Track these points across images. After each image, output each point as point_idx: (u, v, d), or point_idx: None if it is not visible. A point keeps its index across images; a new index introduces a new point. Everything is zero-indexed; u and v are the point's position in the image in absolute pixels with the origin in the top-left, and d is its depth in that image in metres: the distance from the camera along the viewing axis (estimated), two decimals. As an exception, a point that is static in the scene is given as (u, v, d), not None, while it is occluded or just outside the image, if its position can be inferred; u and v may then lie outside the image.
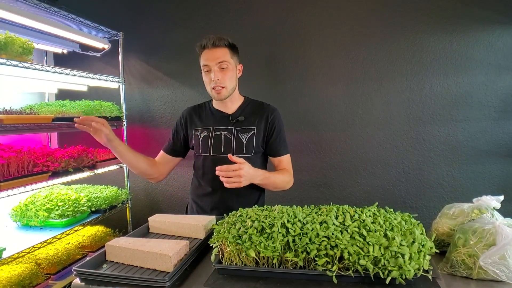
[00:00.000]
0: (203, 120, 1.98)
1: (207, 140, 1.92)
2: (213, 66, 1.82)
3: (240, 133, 1.91)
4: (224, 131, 1.92)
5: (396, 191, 2.81)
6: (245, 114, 1.95)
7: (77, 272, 1.22)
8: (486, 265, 1.22)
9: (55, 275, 2.18)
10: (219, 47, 1.84)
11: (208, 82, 1.86)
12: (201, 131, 1.96)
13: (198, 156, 1.97)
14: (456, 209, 1.55)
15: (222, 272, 1.26)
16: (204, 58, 1.85)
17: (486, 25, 2.59)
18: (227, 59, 1.84)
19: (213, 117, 1.98)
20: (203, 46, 1.85)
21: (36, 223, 2.32)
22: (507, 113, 2.61)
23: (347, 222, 1.29)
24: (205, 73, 1.87)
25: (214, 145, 1.91)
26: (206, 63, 1.84)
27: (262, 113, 1.96)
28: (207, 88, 1.90)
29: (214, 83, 1.83)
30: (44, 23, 2.25)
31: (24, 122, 2.01)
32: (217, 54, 1.83)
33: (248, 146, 1.90)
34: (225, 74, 1.84)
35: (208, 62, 1.83)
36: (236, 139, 1.90)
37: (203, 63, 1.85)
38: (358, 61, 2.78)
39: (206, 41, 1.84)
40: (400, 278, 1.12)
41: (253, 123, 1.93)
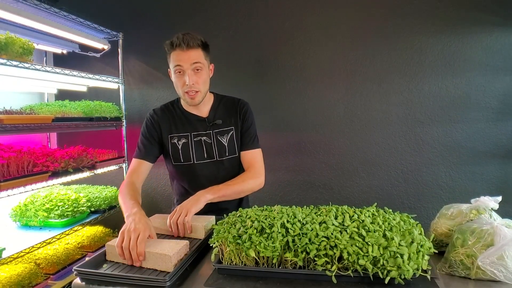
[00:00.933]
0: (178, 125, 1.86)
1: (187, 148, 1.84)
2: (187, 69, 1.69)
3: (219, 135, 1.86)
4: (203, 136, 1.85)
5: (394, 191, 2.82)
6: (219, 115, 1.88)
7: (78, 272, 1.22)
8: (484, 265, 1.23)
9: (55, 275, 2.18)
10: (193, 48, 1.70)
11: (181, 85, 1.73)
12: (178, 138, 1.84)
13: (179, 164, 1.86)
14: (455, 210, 1.56)
15: (222, 272, 1.27)
16: (176, 59, 1.70)
17: (484, 27, 2.60)
18: (201, 61, 1.73)
19: (188, 122, 1.86)
20: (174, 45, 1.70)
21: (35, 223, 2.32)
22: (505, 114, 2.62)
23: (346, 222, 1.30)
24: (177, 75, 1.73)
25: (197, 153, 1.84)
26: (178, 64, 1.70)
27: (235, 110, 1.90)
28: (179, 91, 1.77)
29: (188, 87, 1.71)
30: (44, 23, 2.26)
31: (24, 122, 2.01)
32: (191, 55, 1.70)
33: (230, 148, 1.87)
34: (200, 77, 1.73)
35: (182, 63, 1.69)
36: (217, 143, 1.85)
37: (175, 63, 1.71)
38: (357, 63, 2.79)
39: (179, 41, 1.69)
40: (399, 278, 1.13)
41: (229, 123, 1.88)
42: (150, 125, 1.86)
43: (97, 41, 2.83)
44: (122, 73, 2.96)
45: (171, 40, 1.72)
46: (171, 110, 1.89)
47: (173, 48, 1.71)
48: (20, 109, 2.30)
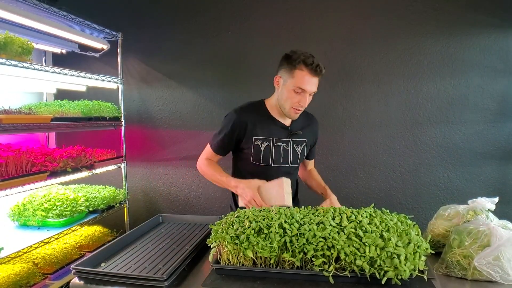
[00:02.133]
0: (263, 129, 1.90)
1: (268, 151, 1.91)
2: (307, 93, 1.78)
3: (295, 144, 1.96)
4: (283, 143, 1.93)
5: (392, 192, 2.82)
6: (298, 126, 1.97)
7: (76, 271, 1.23)
8: (480, 266, 1.24)
9: (53, 274, 2.18)
10: (319, 76, 1.78)
11: (293, 102, 1.80)
12: (262, 141, 1.89)
13: (257, 164, 1.93)
14: (452, 211, 1.57)
15: (219, 272, 1.28)
16: (304, 82, 1.75)
17: (482, 28, 2.61)
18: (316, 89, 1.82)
19: (275, 127, 1.92)
20: (307, 66, 1.74)
21: (34, 222, 2.32)
22: (503, 116, 2.63)
23: (343, 223, 1.31)
24: (294, 93, 1.78)
25: (275, 157, 1.92)
26: (303, 87, 1.75)
27: (310, 125, 2.04)
28: (285, 104, 1.83)
29: (298, 106, 1.80)
30: (43, 23, 2.25)
31: (23, 121, 2.01)
32: (316, 83, 1.79)
33: (301, 157, 2.00)
34: (309, 100, 1.83)
35: (307, 88, 1.75)
36: (293, 151, 1.95)
37: (300, 85, 1.75)
38: (356, 63, 2.80)
39: (314, 66, 1.73)
40: (395, 279, 1.13)
41: (304, 135, 1.98)
42: (236, 123, 1.89)
43: (96, 41, 2.82)
44: (121, 73, 2.96)
45: (304, 58, 1.73)
46: (258, 112, 1.94)
47: (305, 68, 1.74)
48: (19, 108, 2.30)
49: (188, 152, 3.13)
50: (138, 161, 3.22)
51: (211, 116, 3.06)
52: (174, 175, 3.18)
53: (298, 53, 1.76)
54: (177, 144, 3.15)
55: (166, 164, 3.19)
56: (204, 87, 3.06)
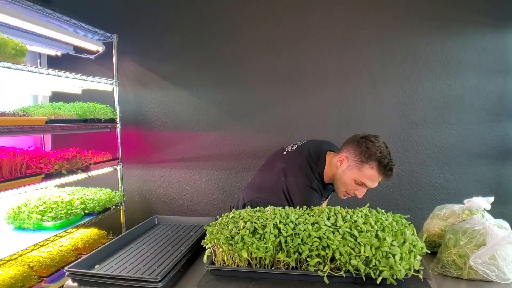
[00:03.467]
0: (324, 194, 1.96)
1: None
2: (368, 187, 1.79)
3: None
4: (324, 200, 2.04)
5: (388, 192, 2.82)
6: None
7: (70, 273, 1.22)
8: (476, 265, 1.24)
9: (48, 277, 2.17)
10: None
11: (349, 188, 1.81)
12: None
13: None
14: (447, 210, 1.57)
15: (214, 273, 1.27)
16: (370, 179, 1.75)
17: (477, 28, 2.61)
18: None
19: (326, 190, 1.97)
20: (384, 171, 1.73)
21: (29, 225, 2.30)
22: (498, 116, 2.63)
23: (338, 222, 1.30)
24: (355, 184, 1.79)
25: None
26: (369, 184, 1.76)
27: None
28: (341, 187, 1.85)
29: (352, 193, 1.83)
30: (37, 25, 2.24)
31: (17, 124, 1.99)
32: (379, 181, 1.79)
33: None
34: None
35: (369, 185, 1.77)
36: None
37: (365, 182, 1.76)
38: (351, 64, 2.80)
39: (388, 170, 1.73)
40: (391, 278, 1.13)
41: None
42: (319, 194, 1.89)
43: (92, 43, 2.81)
44: (116, 75, 2.95)
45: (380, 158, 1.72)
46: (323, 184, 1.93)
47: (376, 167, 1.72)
48: (13, 111, 2.28)
49: (184, 154, 3.12)
50: (134, 163, 3.21)
51: (207, 117, 3.05)
52: (170, 176, 3.17)
53: (376, 146, 1.73)
54: (173, 146, 3.14)
55: (162, 166, 3.18)
56: (200, 88, 3.05)
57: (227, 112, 3.01)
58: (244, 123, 2.98)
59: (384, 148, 1.73)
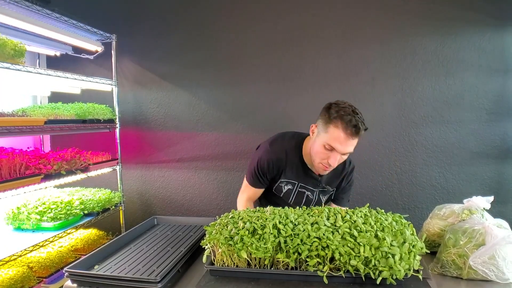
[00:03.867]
0: (292, 173, 1.84)
1: (289, 193, 1.89)
2: (339, 153, 1.63)
3: (321, 194, 1.92)
4: (308, 191, 1.88)
5: (388, 192, 2.82)
6: (329, 178, 1.90)
7: (69, 273, 1.22)
8: (476, 265, 1.24)
9: (48, 278, 2.17)
10: (357, 137, 1.61)
11: (321, 157, 1.66)
12: (286, 183, 1.86)
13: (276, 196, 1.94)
14: (447, 210, 1.56)
15: (214, 273, 1.27)
16: (336, 141, 1.59)
17: (477, 28, 2.61)
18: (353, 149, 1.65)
19: (303, 174, 1.85)
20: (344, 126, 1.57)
21: (28, 226, 2.30)
22: (498, 115, 2.63)
23: (338, 223, 1.30)
24: (325, 149, 1.64)
25: (296, 199, 1.90)
26: (334, 146, 1.60)
27: (342, 174, 1.92)
28: (315, 157, 1.70)
29: (327, 164, 1.66)
30: (36, 25, 2.24)
31: (16, 124, 1.99)
32: (351, 145, 1.62)
33: (325, 202, 1.96)
34: (342, 159, 1.68)
35: (339, 148, 1.60)
36: (317, 200, 1.92)
37: (331, 143, 1.61)
38: (351, 63, 2.80)
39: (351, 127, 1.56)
40: (390, 278, 1.13)
41: (333, 185, 1.93)
42: (267, 166, 1.83)
43: (91, 43, 2.81)
44: (115, 75, 2.95)
45: (343, 114, 1.58)
46: (293, 159, 1.84)
47: (340, 125, 1.58)
48: (12, 111, 2.28)
49: (183, 154, 3.12)
50: (133, 163, 3.21)
51: (206, 117, 3.05)
52: (170, 177, 3.17)
53: (339, 106, 1.62)
54: (172, 146, 3.14)
55: (162, 166, 3.17)
56: (199, 88, 3.05)
57: (226, 112, 3.00)
58: (243, 123, 2.98)
59: (348, 108, 1.60)
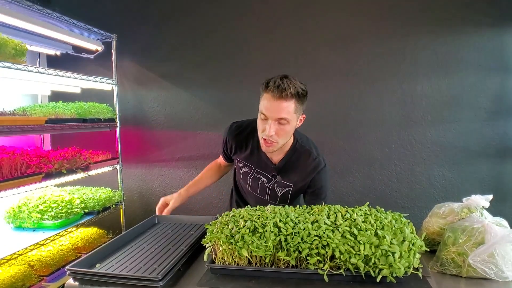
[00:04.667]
0: (247, 153, 1.84)
1: (246, 175, 1.90)
2: (271, 120, 1.56)
3: (276, 185, 1.82)
4: (264, 178, 1.84)
5: (388, 191, 2.83)
6: (287, 168, 1.79)
7: (71, 272, 1.22)
8: (475, 263, 1.24)
9: (48, 276, 2.17)
10: (285, 99, 1.53)
11: (261, 130, 1.62)
12: (244, 165, 1.87)
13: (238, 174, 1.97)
14: (446, 209, 1.57)
15: (215, 271, 1.27)
16: (264, 106, 1.57)
17: (476, 27, 2.62)
18: (289, 116, 1.56)
19: (258, 158, 1.82)
20: (268, 89, 1.55)
21: (29, 224, 2.31)
22: (497, 114, 2.64)
23: (338, 221, 1.31)
24: (260, 120, 1.62)
25: (252, 185, 1.89)
26: (264, 112, 1.57)
27: (304, 170, 1.77)
28: (258, 133, 1.68)
29: (265, 135, 1.59)
30: (37, 25, 2.24)
31: (17, 123, 2.00)
32: (279, 108, 1.54)
33: (282, 198, 1.84)
34: (282, 130, 1.59)
35: (267, 113, 1.56)
36: (271, 190, 1.84)
37: (262, 109, 1.59)
38: (350, 62, 2.80)
39: (274, 87, 1.52)
40: (390, 276, 1.13)
41: (291, 179, 1.80)
42: (226, 140, 1.93)
43: (91, 42, 2.82)
44: (115, 74, 2.95)
45: (268, 80, 1.57)
46: (248, 136, 1.84)
47: (266, 91, 1.56)
48: (13, 110, 2.29)
49: (184, 153, 3.12)
50: (134, 162, 3.21)
51: (206, 117, 3.05)
52: (170, 176, 3.18)
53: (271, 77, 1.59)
54: (172, 145, 3.14)
55: (162, 165, 3.18)
56: (199, 87, 3.06)
57: (226, 111, 3.01)
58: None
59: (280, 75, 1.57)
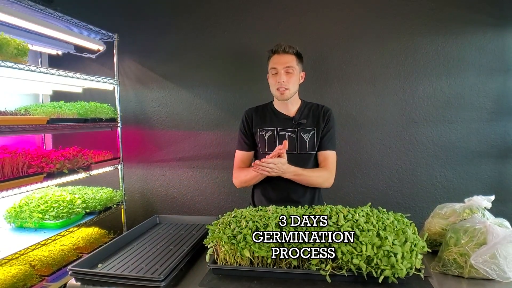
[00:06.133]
0: (267, 121, 2.11)
1: (272, 139, 2.06)
2: (280, 70, 1.96)
3: (302, 132, 2.05)
4: (288, 132, 2.06)
5: (389, 191, 2.83)
6: (304, 116, 2.09)
7: (73, 272, 1.22)
8: (477, 263, 1.24)
9: (50, 276, 2.18)
10: (288, 53, 1.98)
11: (274, 83, 2.00)
12: (266, 131, 2.08)
13: (264, 153, 2.05)
14: (448, 209, 1.57)
15: (216, 272, 1.27)
16: (273, 62, 2.00)
17: (478, 27, 2.62)
18: (294, 65, 1.98)
19: (277, 118, 2.10)
20: (273, 51, 2.02)
21: (30, 224, 2.31)
22: (498, 115, 2.64)
23: (340, 222, 1.31)
24: (272, 76, 2.01)
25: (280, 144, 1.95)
26: (274, 66, 1.98)
27: (319, 114, 2.09)
28: (272, 89, 2.04)
29: (279, 85, 1.97)
30: (39, 24, 2.24)
31: (19, 123, 2.00)
32: (285, 59, 1.97)
33: (310, 145, 2.04)
34: (290, 78, 1.98)
35: (277, 65, 1.97)
36: (300, 138, 2.05)
37: (272, 66, 2.00)
38: (352, 63, 2.80)
39: (277, 47, 1.99)
40: (392, 277, 1.13)
41: (312, 123, 2.07)
42: (244, 121, 2.16)
43: (92, 42, 2.82)
44: (117, 74, 2.95)
45: (271, 47, 2.03)
46: (264, 108, 2.17)
47: (272, 53, 2.03)
48: (15, 110, 2.29)
49: (185, 153, 3.12)
50: (135, 162, 3.21)
51: (208, 117, 3.05)
52: (171, 176, 3.18)
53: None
54: (173, 145, 3.14)
55: (163, 165, 3.18)
56: (200, 87, 3.06)
57: (228, 111, 3.01)
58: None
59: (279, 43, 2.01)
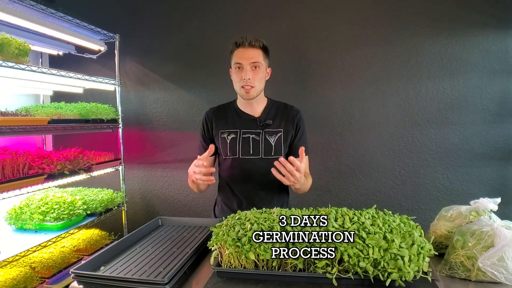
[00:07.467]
0: (229, 122, 1.97)
1: (235, 143, 1.92)
2: (246, 65, 1.82)
3: (268, 135, 1.92)
4: (252, 134, 1.92)
5: (392, 193, 2.82)
6: (271, 116, 1.96)
7: (75, 275, 1.21)
8: (484, 266, 1.23)
9: (50, 278, 2.16)
10: (254, 47, 1.84)
11: (238, 80, 1.86)
12: (228, 133, 1.94)
13: (226, 158, 1.95)
14: (454, 212, 1.56)
15: (221, 275, 1.26)
16: (238, 56, 1.85)
17: (481, 29, 2.61)
18: (260, 60, 1.84)
19: (240, 119, 1.97)
20: (238, 44, 1.86)
21: (31, 226, 2.30)
22: (502, 116, 2.63)
23: (346, 224, 1.29)
24: (236, 71, 1.87)
25: (243, 148, 1.91)
26: (239, 61, 1.83)
27: (287, 115, 1.98)
28: (236, 86, 1.90)
29: (244, 82, 1.83)
30: (40, 24, 2.24)
31: (20, 124, 1.99)
32: (251, 54, 1.83)
33: (277, 148, 1.92)
34: (256, 74, 1.84)
35: (242, 60, 1.83)
36: (265, 141, 1.92)
37: (236, 60, 1.85)
38: (355, 64, 2.79)
39: (243, 39, 1.84)
40: (399, 280, 1.12)
41: (279, 125, 1.95)
42: (204, 123, 2.02)
43: (94, 43, 2.81)
44: (118, 75, 2.94)
45: (236, 40, 1.87)
46: (226, 108, 2.03)
47: (236, 46, 1.86)
48: (16, 111, 2.27)
49: (186, 154, 3.11)
50: (136, 163, 3.20)
51: (210, 118, 3.04)
52: (172, 177, 3.17)
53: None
54: (175, 146, 3.13)
55: (164, 167, 3.17)
56: (202, 88, 3.05)
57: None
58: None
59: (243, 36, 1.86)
